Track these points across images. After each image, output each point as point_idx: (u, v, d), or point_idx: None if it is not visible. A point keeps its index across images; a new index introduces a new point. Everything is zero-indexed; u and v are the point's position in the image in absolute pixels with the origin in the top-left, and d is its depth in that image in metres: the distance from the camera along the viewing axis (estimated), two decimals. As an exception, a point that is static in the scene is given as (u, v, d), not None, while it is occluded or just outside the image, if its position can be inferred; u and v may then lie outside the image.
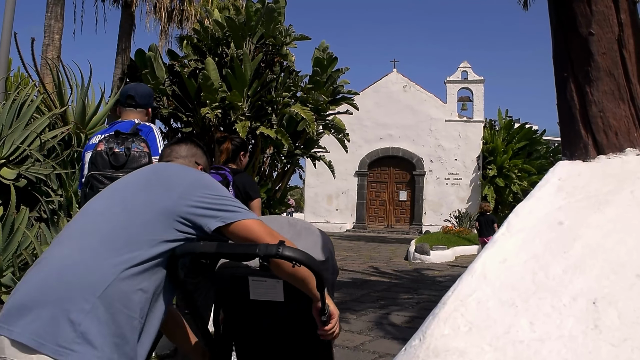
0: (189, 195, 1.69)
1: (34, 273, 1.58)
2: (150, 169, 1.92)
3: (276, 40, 16.25)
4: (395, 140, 25.01)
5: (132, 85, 3.52)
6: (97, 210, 1.73)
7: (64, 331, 1.42)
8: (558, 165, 2.43)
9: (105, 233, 1.61)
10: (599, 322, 1.56)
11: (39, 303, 1.47)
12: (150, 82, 16.03)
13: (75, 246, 1.61)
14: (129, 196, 1.74)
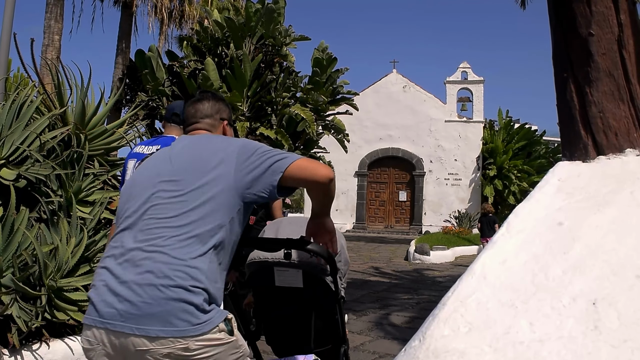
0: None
1: None
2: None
3: (276, 41, 16.25)
4: (395, 141, 25.00)
5: (178, 104, 3.73)
6: None
7: (194, 312, 1.68)
8: (558, 165, 2.42)
9: None
10: (598, 323, 1.56)
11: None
12: (150, 83, 16.04)
13: None
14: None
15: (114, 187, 5.13)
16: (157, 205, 1.86)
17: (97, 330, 1.73)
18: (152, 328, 1.65)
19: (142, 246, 1.78)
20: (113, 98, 5.60)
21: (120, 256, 1.80)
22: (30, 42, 4.67)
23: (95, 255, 4.16)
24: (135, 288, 1.69)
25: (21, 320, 3.41)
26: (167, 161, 1.98)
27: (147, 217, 1.85)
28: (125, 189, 2.03)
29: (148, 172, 2.00)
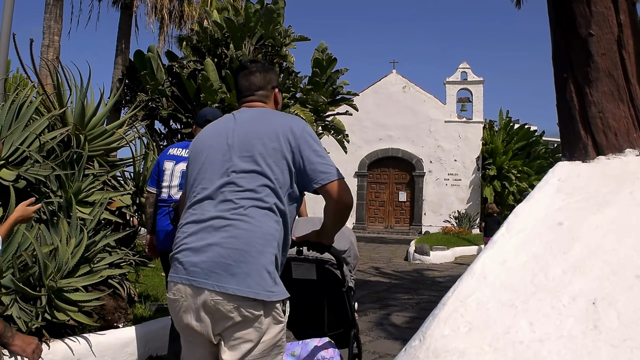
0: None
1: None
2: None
3: (275, 41, 16.26)
4: (395, 141, 25.01)
5: (210, 110, 4.00)
6: None
7: (267, 280, 1.98)
8: (557, 166, 2.43)
9: None
10: (598, 322, 1.56)
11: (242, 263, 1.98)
12: (150, 83, 16.04)
13: None
14: None
15: (114, 187, 5.13)
16: (234, 177, 2.11)
17: (182, 285, 2.03)
18: (231, 286, 1.94)
19: (224, 214, 2.04)
20: (112, 99, 5.59)
21: (202, 222, 2.07)
22: (29, 43, 4.68)
23: (95, 255, 4.16)
24: (219, 250, 1.98)
25: (21, 320, 3.41)
26: (233, 135, 2.21)
27: (226, 189, 2.10)
28: (195, 161, 2.26)
29: (218, 146, 2.21)
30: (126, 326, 4.40)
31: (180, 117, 16.57)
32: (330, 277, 2.82)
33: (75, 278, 3.92)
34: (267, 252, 2.00)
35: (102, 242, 4.30)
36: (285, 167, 2.13)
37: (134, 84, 17.64)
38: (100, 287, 4.25)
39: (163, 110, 16.42)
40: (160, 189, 3.92)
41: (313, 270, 2.82)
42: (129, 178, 5.46)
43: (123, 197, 4.97)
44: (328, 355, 2.87)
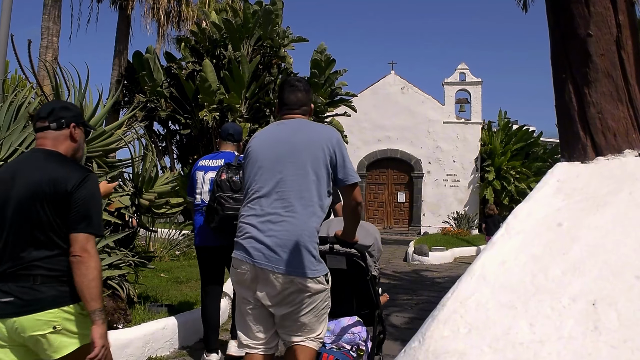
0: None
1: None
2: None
3: (274, 42, 16.26)
4: (394, 142, 25.01)
5: (231, 125, 4.81)
6: None
7: (312, 261, 2.64)
8: (557, 166, 2.43)
9: None
10: (598, 323, 1.55)
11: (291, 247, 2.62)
12: (148, 84, 16.03)
13: None
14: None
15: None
16: (286, 179, 2.70)
17: (246, 265, 2.66)
18: (286, 268, 2.58)
19: (279, 211, 2.66)
20: (111, 100, 5.59)
21: (262, 216, 2.68)
22: (27, 44, 4.67)
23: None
24: (276, 240, 2.61)
25: (19, 322, 3.40)
26: (281, 140, 2.82)
27: (279, 188, 2.70)
28: (250, 164, 2.85)
29: (270, 151, 2.80)
30: (126, 327, 4.40)
31: (178, 118, 16.57)
32: (357, 267, 3.44)
33: (74, 279, 3.90)
34: (311, 240, 2.65)
35: (101, 243, 4.30)
36: (325, 170, 2.74)
37: (132, 85, 17.63)
38: (99, 288, 4.24)
39: (162, 112, 16.41)
40: (194, 196, 4.59)
41: (343, 262, 3.47)
42: (127, 179, 5.45)
43: (122, 198, 4.96)
44: (357, 330, 3.53)
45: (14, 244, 2.30)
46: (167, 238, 10.35)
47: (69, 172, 2.36)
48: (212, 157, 4.63)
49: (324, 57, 16.92)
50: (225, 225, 4.00)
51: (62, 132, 2.47)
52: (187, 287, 6.98)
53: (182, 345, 4.89)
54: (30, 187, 2.32)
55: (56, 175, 2.33)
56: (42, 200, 2.30)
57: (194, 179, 4.57)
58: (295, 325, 2.69)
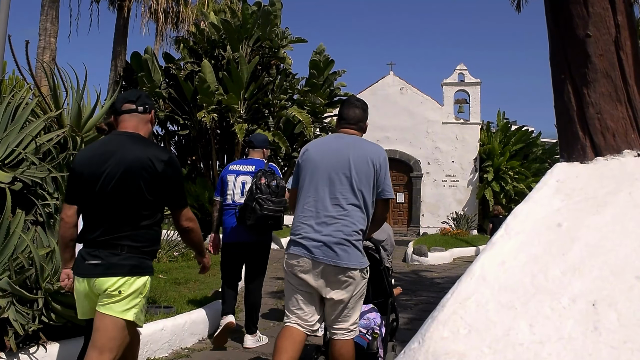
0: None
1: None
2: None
3: (272, 43, 16.25)
4: (393, 143, 24.99)
5: (253, 136, 5.36)
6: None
7: (359, 255, 3.14)
8: (556, 167, 2.42)
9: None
10: (598, 324, 1.55)
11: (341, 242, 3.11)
12: (146, 85, 16.01)
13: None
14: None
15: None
16: (340, 187, 3.18)
17: (303, 258, 3.13)
18: (339, 261, 3.07)
19: (333, 214, 3.14)
20: (109, 100, 5.57)
21: (317, 218, 3.16)
22: (25, 45, 4.66)
23: (92, 258, 4.14)
24: (330, 239, 3.09)
25: (18, 323, 3.39)
26: (337, 152, 3.26)
27: (333, 194, 3.17)
28: (304, 170, 3.31)
29: (325, 160, 3.26)
30: (123, 329, 4.38)
31: (177, 119, 16.55)
32: (371, 259, 3.59)
33: (72, 280, 3.90)
34: (358, 240, 3.15)
35: (99, 244, 4.29)
36: (371, 182, 3.21)
37: (130, 85, 17.60)
38: (97, 289, 4.24)
39: (160, 112, 16.39)
40: (225, 197, 5.01)
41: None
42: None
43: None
44: (372, 317, 3.99)
45: (107, 217, 2.65)
46: (165, 239, 10.33)
47: (157, 153, 2.72)
48: (243, 162, 5.21)
49: (323, 58, 16.92)
50: (261, 223, 4.62)
51: (145, 116, 2.85)
52: (186, 289, 6.96)
53: (180, 347, 4.87)
54: (123, 166, 2.63)
55: (146, 155, 2.66)
56: (135, 178, 2.63)
57: (225, 182, 5.06)
58: (339, 310, 3.19)
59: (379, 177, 3.24)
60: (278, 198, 4.69)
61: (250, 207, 4.60)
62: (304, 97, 16.92)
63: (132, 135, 2.75)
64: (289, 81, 17.05)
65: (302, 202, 3.26)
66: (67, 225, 2.76)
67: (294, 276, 3.21)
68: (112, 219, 2.65)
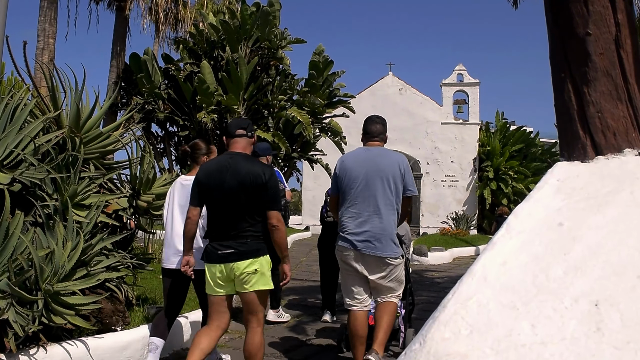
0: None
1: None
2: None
3: (272, 44, 16.23)
4: (392, 143, 24.85)
5: (257, 144, 5.19)
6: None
7: (394, 246, 3.99)
8: (556, 166, 2.41)
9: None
10: (601, 324, 1.54)
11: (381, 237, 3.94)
12: (146, 86, 16.00)
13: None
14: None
15: (110, 190, 5.10)
16: (375, 191, 3.97)
17: (350, 250, 3.99)
18: (379, 252, 3.91)
19: (371, 214, 3.96)
20: (108, 101, 5.56)
21: (359, 218, 3.98)
22: (23, 45, 4.64)
23: (91, 259, 4.13)
24: (370, 234, 3.92)
25: (18, 324, 3.38)
26: (369, 161, 4.06)
27: (371, 197, 3.97)
28: (344, 177, 4.11)
29: (360, 168, 4.04)
30: (124, 329, 4.38)
31: (176, 120, 16.54)
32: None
33: (72, 281, 3.89)
34: (392, 233, 3.98)
35: (99, 245, 4.27)
36: (400, 184, 4.02)
37: (130, 86, 17.59)
38: (97, 290, 4.22)
39: (159, 113, 16.38)
40: None
41: None
42: (125, 181, 5.43)
43: (119, 200, 4.94)
44: None
45: (232, 217, 3.52)
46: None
47: (261, 169, 3.57)
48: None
49: (322, 59, 16.90)
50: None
51: (251, 139, 3.77)
52: (186, 289, 6.94)
53: (181, 347, 4.87)
54: (238, 178, 3.49)
55: (255, 171, 3.52)
56: (247, 188, 3.48)
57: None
58: (384, 288, 4.08)
59: (405, 179, 4.05)
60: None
61: None
62: (303, 97, 16.91)
63: (243, 155, 3.64)
64: (288, 82, 17.04)
65: (345, 204, 4.09)
66: (193, 222, 3.68)
67: (345, 263, 4.10)
68: (235, 217, 3.51)
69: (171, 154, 18.38)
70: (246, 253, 3.48)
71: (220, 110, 15.58)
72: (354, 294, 4.10)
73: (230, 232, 3.51)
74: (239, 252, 3.48)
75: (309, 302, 7.71)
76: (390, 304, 4.10)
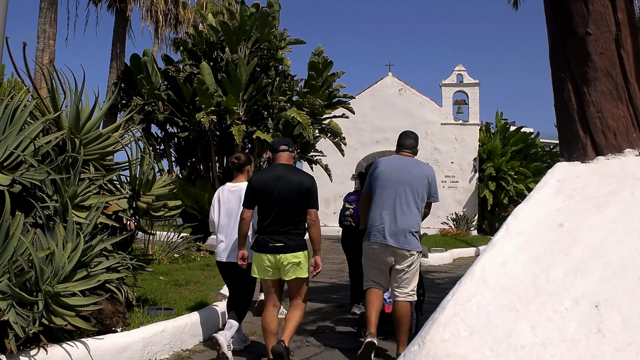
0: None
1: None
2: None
3: (271, 45, 16.22)
4: (392, 144, 24.56)
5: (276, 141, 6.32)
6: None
7: (417, 241, 4.67)
8: (556, 166, 2.40)
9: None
10: (601, 325, 1.53)
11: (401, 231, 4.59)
12: (145, 87, 15.99)
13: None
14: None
15: (110, 191, 5.09)
16: (403, 194, 4.60)
17: (378, 243, 4.57)
18: (403, 245, 4.52)
19: (398, 213, 4.56)
20: (107, 102, 5.56)
21: (388, 215, 4.59)
22: (22, 47, 4.64)
23: (91, 260, 4.13)
24: (400, 231, 4.53)
25: (18, 325, 3.38)
26: (402, 169, 4.71)
27: (399, 200, 4.60)
28: (377, 179, 4.74)
29: (394, 173, 4.69)
30: (124, 330, 4.37)
31: (176, 121, 16.53)
32: None
33: (72, 282, 3.88)
34: (416, 230, 4.62)
35: (99, 246, 4.27)
36: (426, 192, 4.73)
37: (129, 87, 17.59)
38: (97, 291, 4.22)
39: (159, 114, 16.38)
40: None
41: None
42: (125, 182, 5.42)
43: (119, 201, 4.93)
44: None
45: (282, 217, 4.35)
46: (165, 241, 10.31)
47: (305, 177, 4.51)
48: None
49: (322, 59, 16.89)
50: None
51: (292, 154, 4.65)
52: (187, 290, 6.94)
53: (181, 348, 4.86)
54: (289, 185, 4.35)
55: (301, 179, 4.42)
56: (296, 193, 4.35)
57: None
58: (403, 278, 4.65)
59: (430, 188, 4.81)
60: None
61: None
62: (303, 98, 16.90)
63: (289, 166, 4.56)
64: (287, 83, 17.03)
65: (377, 202, 4.72)
66: (246, 222, 4.51)
67: (373, 255, 4.72)
68: (285, 218, 4.36)
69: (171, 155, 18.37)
70: (293, 247, 4.34)
71: (220, 111, 15.58)
72: (374, 280, 4.77)
73: (281, 229, 4.36)
74: (288, 246, 4.33)
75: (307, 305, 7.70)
76: (406, 305, 4.66)
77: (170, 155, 18.34)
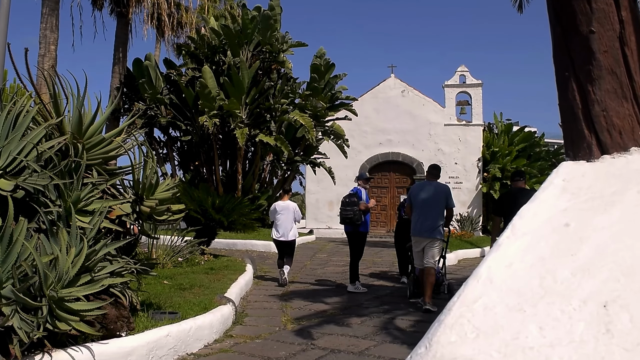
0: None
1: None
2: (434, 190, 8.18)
3: (273, 48, 16.24)
4: (395, 145, 24.94)
5: (363, 173, 12.11)
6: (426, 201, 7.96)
7: (441, 233, 8.05)
8: (562, 166, 2.38)
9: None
10: (610, 326, 1.51)
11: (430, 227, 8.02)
12: (148, 92, 16.02)
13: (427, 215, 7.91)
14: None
15: (113, 196, 5.09)
16: (432, 205, 7.79)
17: (418, 236, 7.93)
18: (432, 236, 7.80)
19: (428, 217, 7.79)
20: (110, 107, 5.56)
21: (422, 219, 7.82)
22: (24, 52, 4.64)
23: (95, 264, 4.12)
24: (428, 226, 7.78)
25: (22, 331, 3.38)
26: (429, 190, 7.89)
27: (429, 209, 7.78)
28: (415, 197, 7.97)
29: (424, 192, 7.90)
30: (129, 335, 4.37)
31: (179, 125, 16.55)
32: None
33: (76, 287, 3.88)
34: (441, 225, 7.84)
35: (103, 250, 4.26)
36: (444, 203, 7.80)
37: (132, 92, 17.62)
38: (101, 296, 4.21)
39: (162, 118, 16.39)
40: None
41: None
42: (128, 186, 5.42)
43: (123, 206, 4.93)
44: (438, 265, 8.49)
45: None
46: (169, 245, 10.32)
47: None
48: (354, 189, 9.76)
49: (324, 62, 16.90)
50: (344, 221, 9.36)
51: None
52: (191, 294, 6.94)
53: (186, 352, 4.85)
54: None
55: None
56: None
57: (366, 198, 9.67)
58: (429, 254, 7.74)
59: (447, 199, 7.77)
60: (350, 207, 9.12)
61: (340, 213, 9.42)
62: (305, 101, 16.90)
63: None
64: (290, 85, 17.03)
65: (416, 212, 7.85)
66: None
67: (416, 244, 7.94)
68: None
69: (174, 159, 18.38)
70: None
71: (222, 114, 15.58)
72: (420, 260, 7.90)
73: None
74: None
75: (312, 308, 7.69)
76: (431, 270, 7.65)
77: (173, 159, 18.35)
